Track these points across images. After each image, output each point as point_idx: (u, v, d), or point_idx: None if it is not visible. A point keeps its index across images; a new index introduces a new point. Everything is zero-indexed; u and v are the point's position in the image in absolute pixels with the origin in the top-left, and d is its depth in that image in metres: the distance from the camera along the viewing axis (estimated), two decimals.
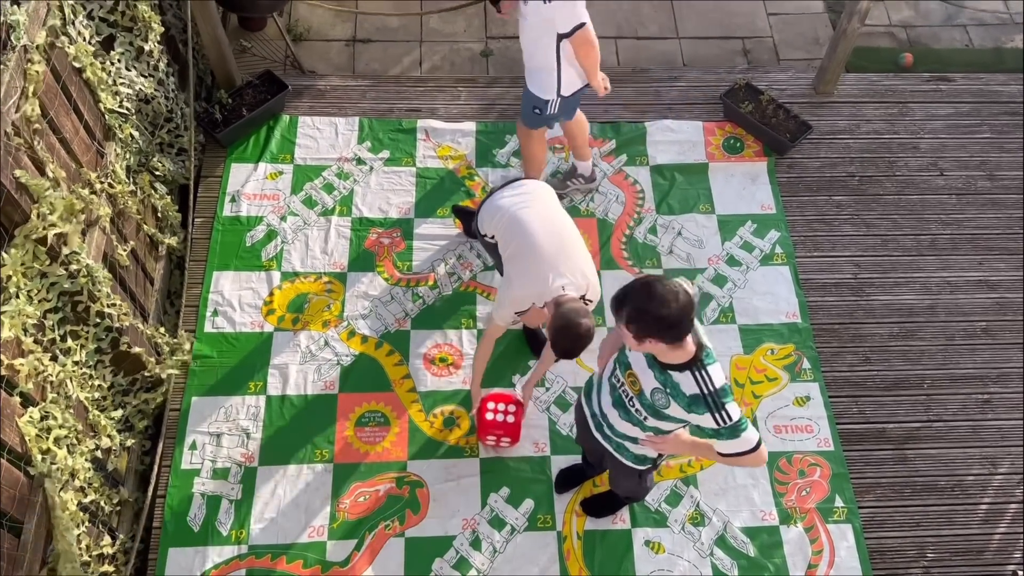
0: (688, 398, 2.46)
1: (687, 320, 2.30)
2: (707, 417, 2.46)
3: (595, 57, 3.62)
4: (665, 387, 2.50)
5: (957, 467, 3.87)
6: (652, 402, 2.56)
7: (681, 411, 2.50)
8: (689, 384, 2.44)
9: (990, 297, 4.32)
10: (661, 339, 2.33)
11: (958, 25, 5.60)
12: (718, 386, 2.44)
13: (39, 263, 2.89)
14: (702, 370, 2.43)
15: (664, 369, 2.47)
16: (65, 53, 3.25)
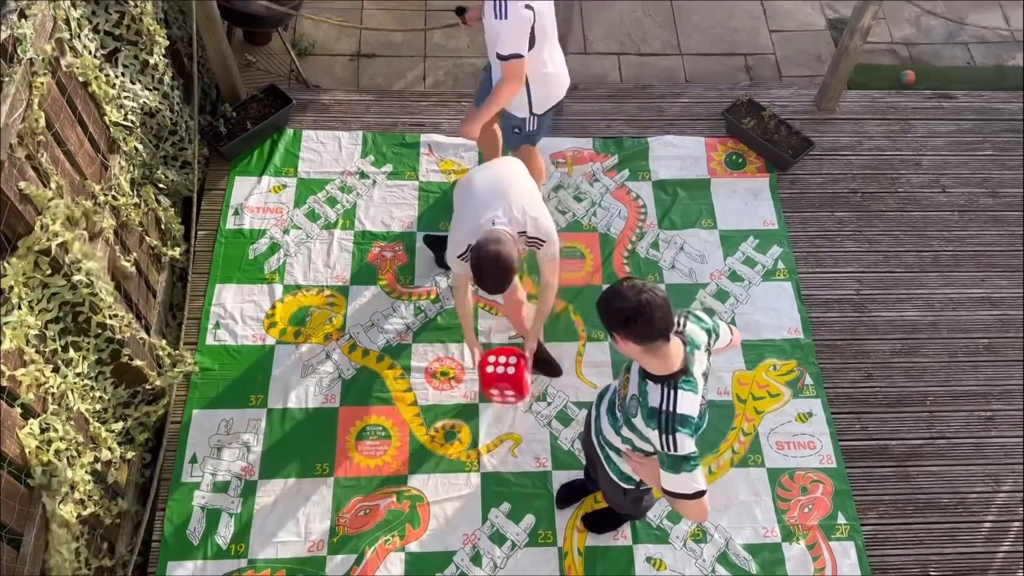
0: (648, 409, 2.44)
1: (647, 315, 2.29)
2: (655, 435, 2.42)
3: (508, 93, 3.52)
4: (640, 395, 2.49)
5: (960, 485, 3.85)
6: (627, 408, 2.57)
7: (642, 424, 2.48)
8: (655, 396, 2.43)
9: (992, 314, 4.32)
10: (624, 334, 2.34)
11: (960, 43, 5.62)
12: (680, 411, 2.39)
13: (41, 274, 2.89)
14: (672, 389, 2.41)
15: (644, 378, 2.47)
16: (71, 66, 3.27)
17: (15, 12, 2.93)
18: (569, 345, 4.10)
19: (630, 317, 2.30)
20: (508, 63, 3.40)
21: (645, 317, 2.29)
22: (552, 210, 4.51)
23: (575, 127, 4.85)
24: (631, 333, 2.33)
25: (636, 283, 2.33)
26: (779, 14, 5.70)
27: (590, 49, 5.45)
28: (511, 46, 3.36)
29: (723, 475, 3.78)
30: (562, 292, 4.24)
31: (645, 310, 2.29)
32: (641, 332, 2.32)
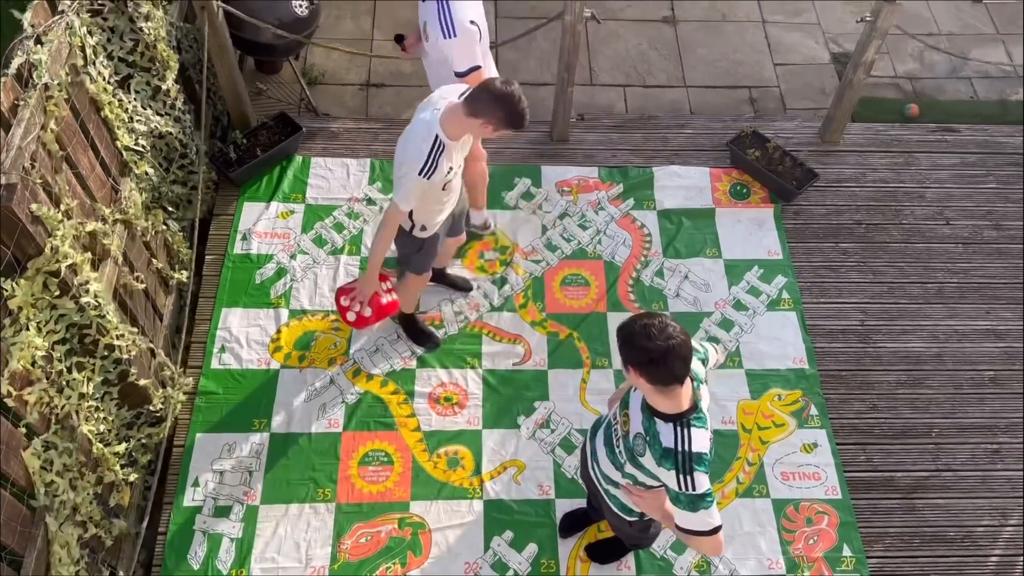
0: (662, 450, 2.40)
1: (672, 363, 2.27)
2: (672, 476, 2.39)
3: None
4: (647, 433, 2.45)
5: (966, 518, 3.81)
6: (631, 446, 2.53)
7: (652, 462, 2.44)
8: (668, 436, 2.39)
9: (997, 346, 4.31)
10: (641, 373, 2.31)
11: (963, 77, 5.67)
12: (695, 450, 2.37)
13: (49, 295, 2.91)
14: (685, 428, 2.38)
15: (652, 415, 2.44)
16: (85, 91, 3.33)
17: (32, 38, 2.99)
18: (573, 372, 4.10)
19: (653, 359, 2.27)
20: (471, 77, 3.43)
21: (668, 364, 2.27)
22: (557, 237, 4.54)
23: (581, 156, 4.90)
24: (649, 374, 2.31)
25: (666, 325, 2.28)
26: (783, 48, 5.76)
27: (596, 80, 5.51)
28: (467, 61, 3.40)
29: (727, 505, 3.76)
30: (567, 319, 4.26)
31: (669, 357, 2.26)
32: (659, 376, 2.30)
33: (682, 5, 5.97)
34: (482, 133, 3.04)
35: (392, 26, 5.63)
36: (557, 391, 4.04)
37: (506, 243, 4.52)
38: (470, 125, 3.01)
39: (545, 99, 5.25)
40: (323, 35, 5.38)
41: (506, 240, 4.53)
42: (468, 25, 3.36)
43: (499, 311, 4.27)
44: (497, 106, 2.92)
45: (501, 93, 2.91)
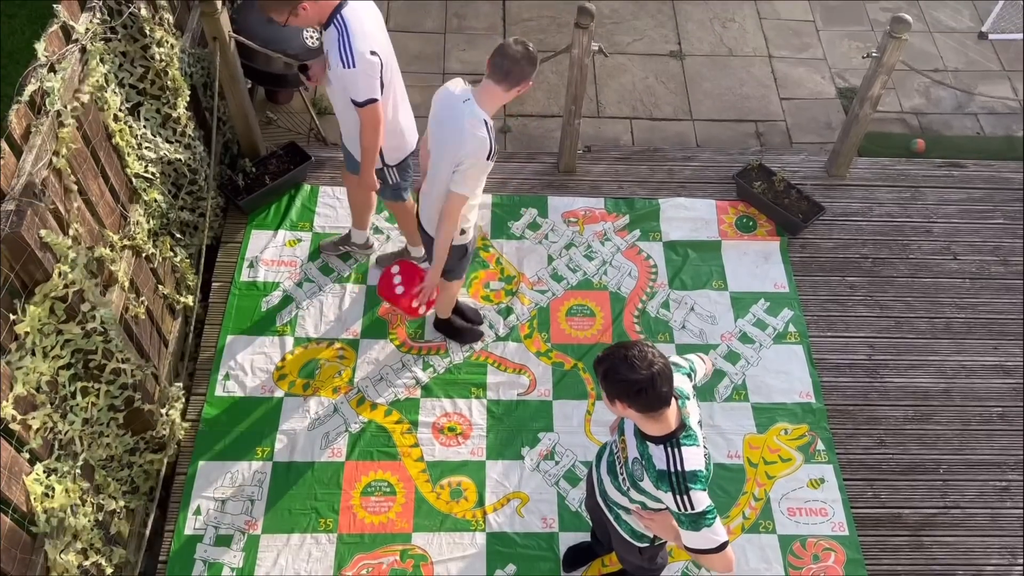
0: (656, 472, 2.40)
1: (657, 389, 2.27)
2: (670, 497, 2.39)
3: (375, 137, 3.53)
4: (642, 458, 2.46)
5: (976, 556, 3.76)
6: (631, 471, 2.53)
7: (651, 486, 2.45)
8: (660, 458, 2.40)
9: (1006, 383, 4.28)
10: (629, 404, 2.31)
11: (969, 113, 5.70)
12: (687, 468, 2.37)
13: (56, 320, 2.92)
14: (675, 448, 2.38)
15: (643, 440, 2.45)
16: (97, 118, 3.36)
17: (45, 66, 3.03)
18: (578, 403, 4.08)
19: (642, 390, 2.27)
20: (366, 108, 3.45)
21: (656, 390, 2.27)
22: (563, 267, 4.55)
23: (587, 187, 4.92)
24: (638, 404, 2.30)
25: (645, 352, 2.29)
26: (790, 82, 5.80)
27: (603, 113, 5.55)
28: (366, 92, 3.41)
29: (733, 541, 3.71)
30: (572, 349, 4.25)
31: (655, 382, 2.26)
32: (648, 404, 2.30)
33: (689, 39, 6.03)
34: (510, 98, 3.20)
35: (401, 59, 5.68)
36: (561, 422, 4.02)
37: (512, 273, 4.52)
38: (506, 97, 3.18)
39: (552, 131, 5.29)
40: None
41: (512, 270, 4.53)
42: (369, 56, 3.37)
43: (504, 341, 4.26)
44: (531, 65, 3.10)
45: (528, 53, 3.08)
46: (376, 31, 3.45)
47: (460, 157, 3.18)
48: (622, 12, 6.16)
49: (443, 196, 3.32)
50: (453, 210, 3.31)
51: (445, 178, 3.27)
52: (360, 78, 3.37)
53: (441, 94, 3.30)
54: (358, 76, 3.37)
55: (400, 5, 6.04)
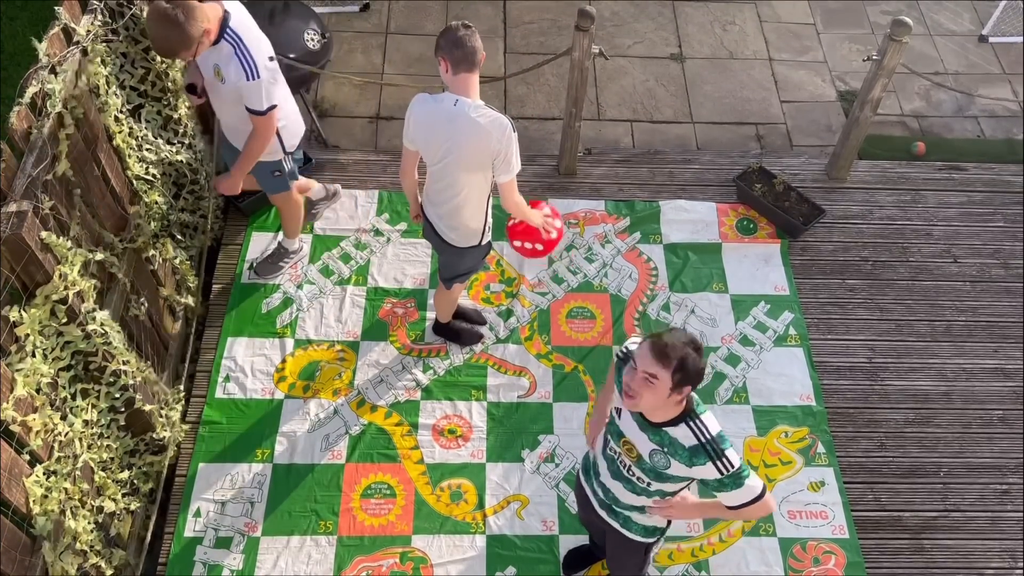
0: (688, 451, 2.45)
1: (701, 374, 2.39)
2: (709, 467, 2.44)
3: (263, 144, 3.62)
4: (662, 446, 2.49)
5: (976, 559, 3.76)
6: (653, 465, 2.54)
7: (683, 468, 2.48)
8: (686, 436, 2.44)
9: (1007, 386, 4.27)
10: (693, 386, 2.38)
11: (970, 116, 5.70)
12: (715, 433, 2.45)
13: (57, 322, 2.92)
14: (696, 419, 2.45)
15: (658, 428, 2.47)
16: (97, 120, 3.36)
17: (46, 68, 3.03)
18: (578, 405, 4.08)
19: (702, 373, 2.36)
20: (266, 117, 3.50)
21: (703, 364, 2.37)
22: (564, 270, 4.55)
23: (588, 189, 4.92)
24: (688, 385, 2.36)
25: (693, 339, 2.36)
26: (790, 85, 5.81)
27: (604, 116, 5.56)
28: (267, 100, 3.46)
29: (733, 544, 3.71)
30: (572, 352, 4.25)
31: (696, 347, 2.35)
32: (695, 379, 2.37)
33: (689, 42, 6.03)
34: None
35: (402, 61, 5.71)
36: (562, 425, 4.01)
37: (512, 275, 4.52)
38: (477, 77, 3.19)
39: (553, 133, 5.30)
40: (334, 69, 5.44)
41: (512, 272, 4.53)
42: (268, 63, 3.43)
43: (504, 343, 4.26)
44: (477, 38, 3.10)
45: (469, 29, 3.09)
46: (256, 29, 3.49)
47: (493, 151, 3.18)
48: (623, 15, 6.17)
49: (476, 200, 3.35)
50: (514, 190, 3.34)
51: (472, 181, 3.28)
52: (263, 87, 3.42)
53: (423, 107, 3.24)
54: (261, 86, 3.41)
55: (401, 7, 6.05)
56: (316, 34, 4.70)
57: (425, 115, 3.24)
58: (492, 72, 5.13)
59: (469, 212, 3.39)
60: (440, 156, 3.26)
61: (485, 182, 3.32)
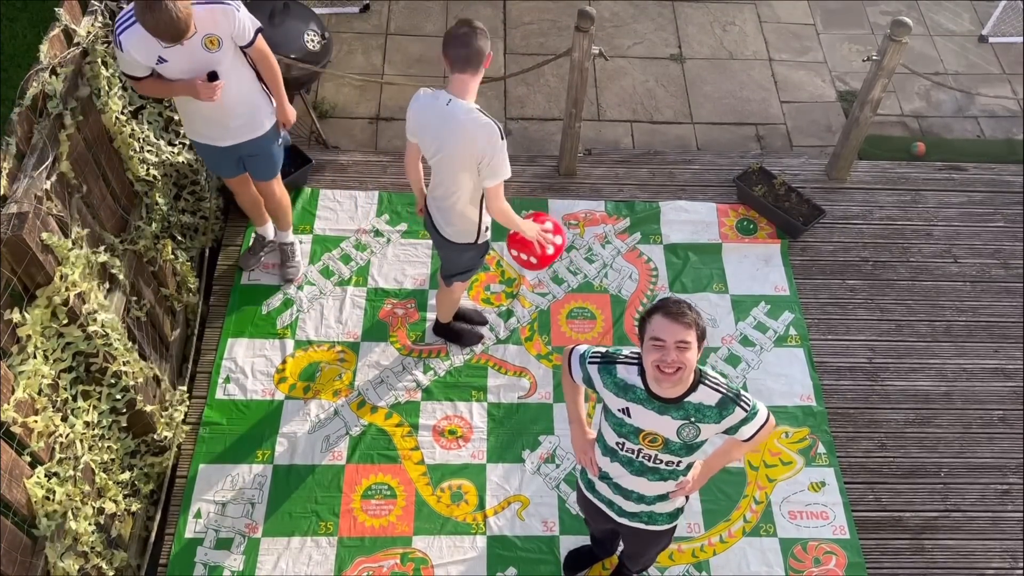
0: (716, 408, 2.50)
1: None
2: (737, 411, 2.52)
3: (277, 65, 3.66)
4: (689, 417, 2.51)
5: (977, 560, 3.76)
6: (684, 441, 2.56)
7: (713, 427, 2.53)
8: (709, 396, 2.50)
9: (1007, 386, 4.27)
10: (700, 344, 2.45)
11: (970, 117, 5.70)
12: (724, 381, 2.54)
13: (58, 323, 2.92)
14: (707, 378, 2.52)
15: (680, 402, 2.49)
16: (98, 122, 3.37)
17: (47, 68, 3.03)
18: None
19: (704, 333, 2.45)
20: (259, 38, 3.48)
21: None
22: (564, 270, 4.55)
23: (588, 190, 4.92)
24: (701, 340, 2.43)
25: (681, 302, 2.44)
26: (790, 86, 5.81)
27: (604, 116, 5.56)
28: (253, 21, 3.44)
29: (734, 544, 3.71)
30: None
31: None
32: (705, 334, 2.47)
33: (689, 43, 6.04)
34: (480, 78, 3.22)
35: (402, 62, 5.71)
36: (562, 425, 4.01)
37: (512, 276, 4.52)
38: (477, 80, 3.19)
39: (553, 134, 5.30)
40: (334, 70, 5.44)
41: (512, 272, 4.53)
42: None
43: (505, 343, 4.27)
44: (485, 38, 3.09)
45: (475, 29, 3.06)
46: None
47: (479, 155, 3.17)
48: (622, 15, 6.17)
49: (468, 199, 3.35)
50: (499, 196, 3.33)
51: (462, 181, 3.28)
52: (243, 11, 3.38)
53: (420, 103, 3.26)
54: (241, 9, 3.37)
55: (401, 8, 6.05)
56: (316, 35, 4.70)
57: (420, 111, 3.27)
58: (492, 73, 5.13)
59: (462, 209, 3.40)
60: (432, 152, 3.30)
61: (476, 183, 3.32)
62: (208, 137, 3.72)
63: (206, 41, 3.31)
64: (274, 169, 3.99)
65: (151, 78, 3.38)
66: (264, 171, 3.97)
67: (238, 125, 3.69)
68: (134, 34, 3.17)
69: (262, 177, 4.01)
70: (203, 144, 3.77)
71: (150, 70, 3.34)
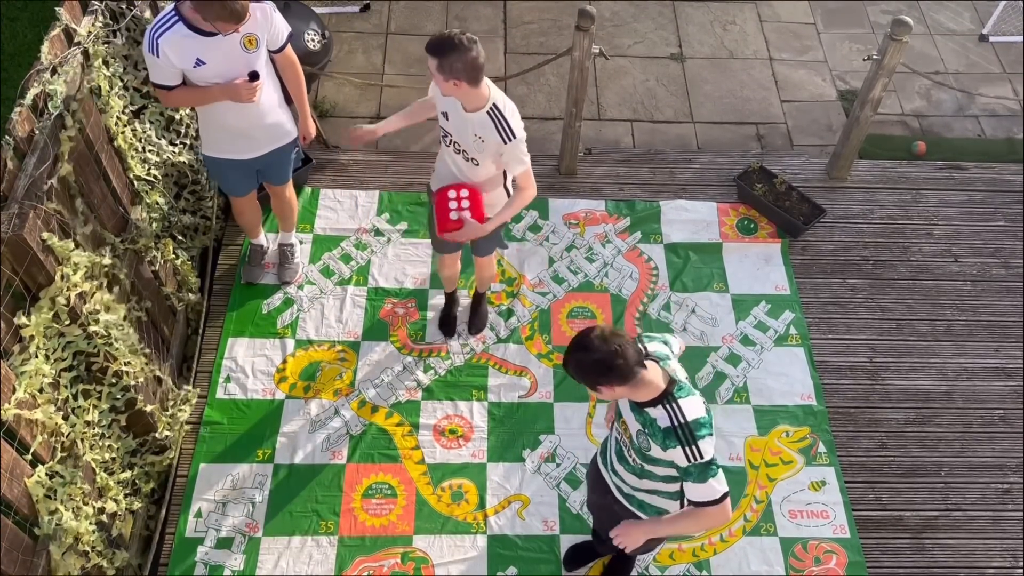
0: (663, 432, 2.46)
1: (625, 356, 2.36)
2: (679, 452, 2.43)
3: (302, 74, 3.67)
4: (644, 427, 2.51)
5: (978, 559, 3.76)
6: (639, 446, 2.57)
7: (660, 451, 2.49)
8: (662, 418, 2.46)
9: (1007, 385, 4.27)
10: (609, 382, 2.40)
11: (970, 116, 5.70)
12: (691, 418, 2.43)
13: (59, 324, 2.92)
14: (673, 403, 2.45)
15: (641, 409, 2.50)
16: (99, 121, 3.37)
17: (47, 68, 3.03)
18: (579, 405, 4.08)
19: (611, 365, 2.36)
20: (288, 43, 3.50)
21: (624, 358, 2.36)
22: (564, 270, 4.55)
23: (588, 189, 4.92)
24: (615, 377, 2.39)
25: (599, 332, 2.40)
26: (790, 85, 5.81)
27: (604, 115, 5.56)
28: (286, 25, 3.45)
29: (735, 543, 3.71)
30: None
31: (621, 352, 2.36)
32: (623, 372, 2.38)
33: (689, 42, 6.03)
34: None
35: (403, 61, 5.71)
36: (562, 424, 4.02)
37: (513, 275, 4.52)
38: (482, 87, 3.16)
39: (553, 133, 5.29)
40: (335, 70, 5.44)
41: (513, 272, 4.53)
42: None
43: (505, 343, 4.27)
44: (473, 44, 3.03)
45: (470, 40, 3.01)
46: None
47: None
48: (623, 15, 6.17)
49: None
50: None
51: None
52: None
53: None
54: (277, 11, 3.38)
55: (401, 7, 6.05)
56: (316, 34, 4.71)
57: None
58: (492, 72, 5.13)
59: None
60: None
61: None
62: (232, 152, 3.68)
63: (245, 41, 3.29)
64: (289, 173, 4.02)
65: (182, 87, 3.35)
66: (282, 175, 4.00)
67: (265, 136, 3.68)
68: (175, 35, 3.17)
69: (278, 181, 4.03)
70: (224, 160, 3.72)
71: (181, 78, 3.31)
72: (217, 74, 3.31)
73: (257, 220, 4.25)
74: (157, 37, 3.15)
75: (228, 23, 3.09)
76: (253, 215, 4.19)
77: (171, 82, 3.30)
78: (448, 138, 3.37)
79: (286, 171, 3.98)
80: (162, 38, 3.15)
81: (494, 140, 3.21)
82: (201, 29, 3.16)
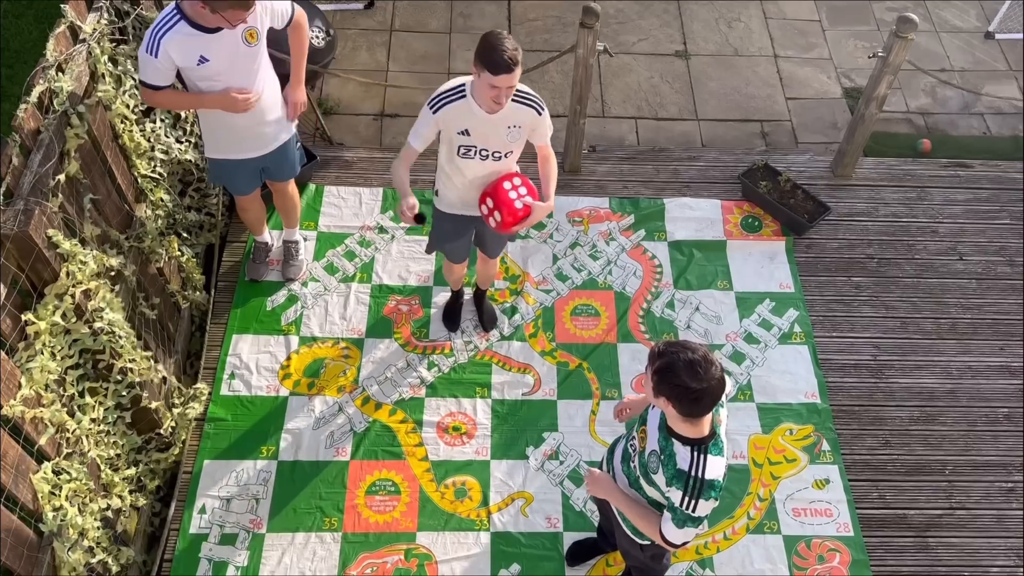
0: (675, 471, 2.42)
1: (709, 402, 2.29)
2: (678, 495, 2.41)
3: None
4: (662, 452, 2.47)
5: (982, 558, 3.75)
6: (646, 462, 2.55)
7: (663, 481, 2.46)
8: (684, 459, 2.41)
9: (1012, 383, 4.26)
10: (674, 405, 2.32)
11: (975, 113, 5.68)
12: (707, 477, 2.39)
13: (65, 320, 2.93)
14: (703, 454, 2.39)
15: (669, 435, 2.45)
16: (104, 119, 3.37)
17: (53, 66, 3.04)
18: (582, 403, 4.08)
19: (697, 399, 2.28)
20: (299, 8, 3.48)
21: (704, 402, 2.29)
22: (568, 267, 4.55)
23: (592, 187, 4.92)
24: (682, 408, 2.31)
25: (711, 363, 2.27)
26: (795, 82, 5.79)
27: (608, 113, 5.55)
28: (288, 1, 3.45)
29: (738, 541, 3.71)
30: (577, 349, 4.25)
31: (707, 396, 2.27)
32: (693, 411, 2.32)
33: (694, 39, 6.02)
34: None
35: (407, 58, 5.71)
36: (566, 422, 4.02)
37: (516, 272, 4.52)
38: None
39: (557, 130, 5.27)
40: (339, 66, 5.44)
41: (516, 269, 4.53)
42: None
43: (509, 340, 4.27)
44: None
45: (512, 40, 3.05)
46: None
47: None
48: (627, 12, 6.16)
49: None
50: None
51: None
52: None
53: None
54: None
55: (405, 5, 6.05)
56: (320, 31, 4.70)
57: None
58: None
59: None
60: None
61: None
62: (239, 152, 3.67)
63: (246, 35, 3.28)
64: (295, 168, 4.00)
65: (169, 89, 3.33)
66: (287, 171, 3.97)
67: (271, 132, 3.67)
68: (177, 34, 3.14)
69: (283, 177, 4.01)
70: (228, 161, 3.71)
71: (173, 79, 3.31)
72: (219, 71, 3.30)
73: (261, 217, 4.25)
74: (160, 37, 3.14)
75: (238, 11, 3.07)
76: (257, 212, 4.19)
77: (162, 82, 3.28)
78: (472, 150, 3.30)
79: (290, 166, 3.97)
80: (164, 37, 3.14)
81: (528, 119, 3.23)
82: (204, 26, 3.16)
